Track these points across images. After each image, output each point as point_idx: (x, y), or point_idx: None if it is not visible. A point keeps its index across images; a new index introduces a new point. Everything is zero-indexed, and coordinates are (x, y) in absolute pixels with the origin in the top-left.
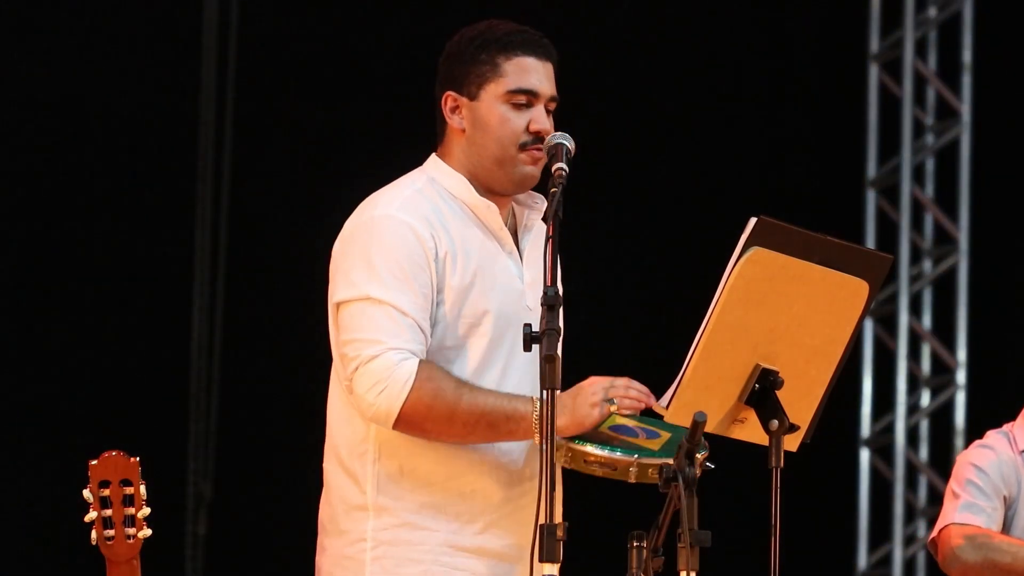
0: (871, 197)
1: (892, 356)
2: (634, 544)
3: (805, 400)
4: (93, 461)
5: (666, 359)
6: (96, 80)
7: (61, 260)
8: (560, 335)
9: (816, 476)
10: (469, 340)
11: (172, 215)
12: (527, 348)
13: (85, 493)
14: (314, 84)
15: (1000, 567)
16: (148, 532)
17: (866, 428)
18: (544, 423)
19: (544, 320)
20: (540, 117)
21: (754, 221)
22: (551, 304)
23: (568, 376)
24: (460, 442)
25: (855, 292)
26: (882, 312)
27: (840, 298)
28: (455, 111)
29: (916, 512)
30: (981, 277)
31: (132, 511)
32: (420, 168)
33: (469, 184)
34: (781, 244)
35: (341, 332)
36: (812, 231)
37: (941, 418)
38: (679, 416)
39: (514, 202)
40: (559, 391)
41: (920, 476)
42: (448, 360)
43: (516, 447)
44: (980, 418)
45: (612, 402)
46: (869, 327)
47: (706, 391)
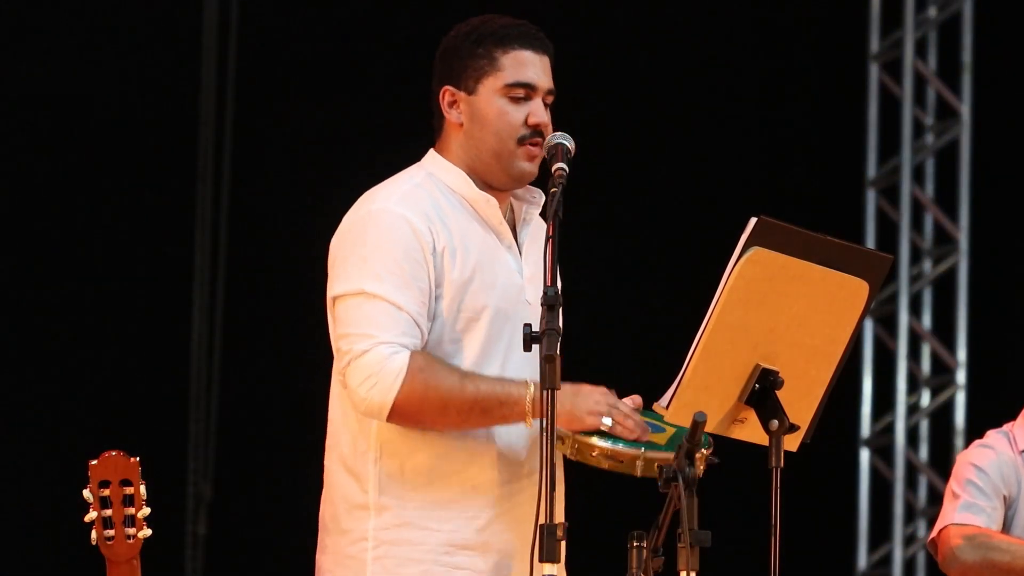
0: (871, 197)
1: (892, 356)
2: (634, 544)
3: (805, 400)
4: (93, 461)
5: (666, 359)
6: (96, 80)
7: (61, 260)
8: (560, 335)
9: (816, 476)
10: (468, 335)
11: (172, 215)
12: (527, 348)
13: (85, 493)
14: (314, 84)
15: (1000, 567)
16: (148, 532)
17: (866, 428)
18: (544, 423)
19: (544, 320)
20: (538, 110)
21: (754, 221)
22: (551, 304)
23: (568, 376)
24: (455, 430)
25: (855, 292)
26: (882, 312)
27: (840, 298)
28: (453, 106)
29: (916, 512)
30: (981, 277)
31: (132, 511)
32: (419, 163)
33: (468, 178)
34: (781, 244)
35: (336, 326)
36: (812, 231)
37: (941, 418)
38: (679, 416)
39: (512, 196)
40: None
41: (920, 476)
42: (447, 355)
43: (517, 442)
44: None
45: (607, 421)
46: (869, 327)
47: (706, 391)
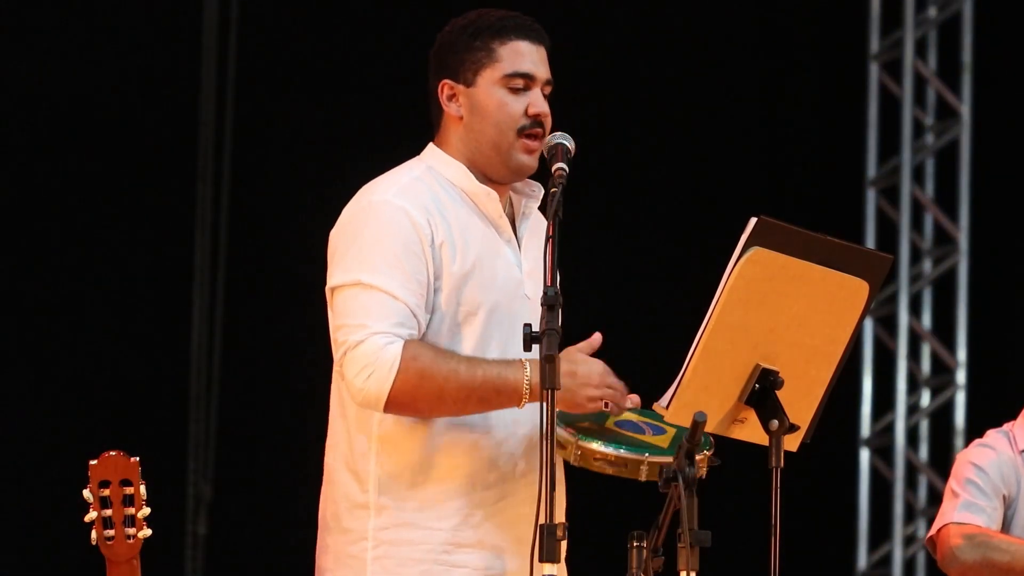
0: (871, 197)
1: (892, 356)
2: (634, 544)
3: (805, 400)
4: (93, 461)
5: (666, 359)
6: (96, 80)
7: (61, 260)
8: (560, 335)
9: (816, 476)
10: (466, 328)
11: (172, 215)
12: (527, 348)
13: (85, 493)
14: (314, 84)
15: (999, 567)
16: (148, 532)
17: (866, 428)
18: (544, 423)
19: (544, 320)
20: (538, 100)
21: (754, 221)
22: (551, 304)
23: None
24: (454, 416)
25: (855, 292)
26: (882, 312)
27: (840, 298)
28: (452, 99)
29: (916, 512)
30: (981, 277)
31: (132, 511)
32: (418, 157)
33: (468, 172)
34: (781, 244)
35: (333, 317)
36: (812, 231)
37: (941, 418)
38: (679, 416)
39: (511, 190)
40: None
41: (920, 476)
42: (447, 347)
43: (514, 441)
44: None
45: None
46: (869, 327)
47: (706, 391)
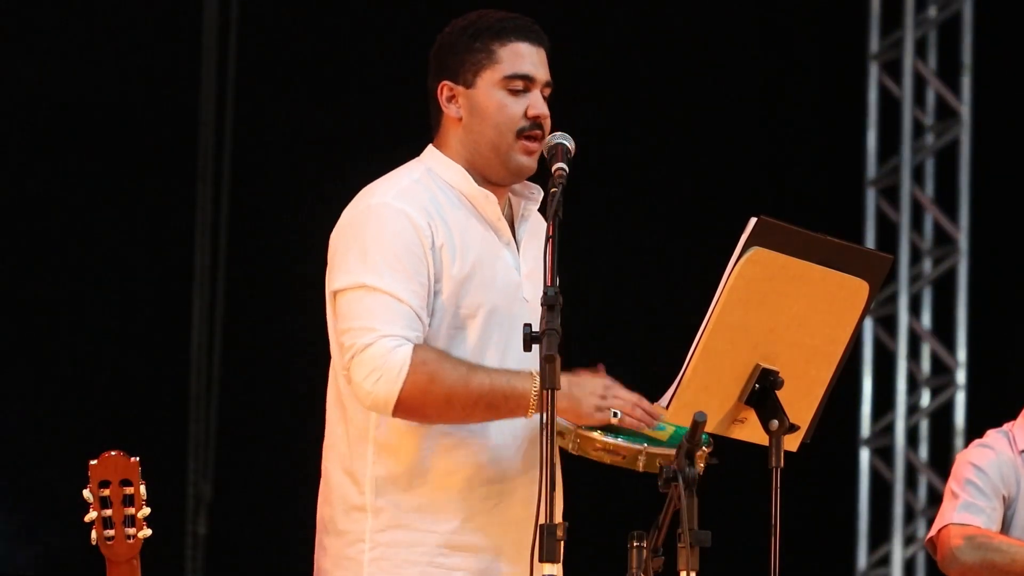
0: (871, 197)
1: (892, 356)
2: (634, 544)
3: (805, 400)
4: (93, 461)
5: (666, 359)
6: (96, 80)
7: (61, 260)
8: (560, 335)
9: (816, 476)
10: (465, 331)
11: (172, 215)
12: (527, 348)
13: (85, 493)
14: (314, 84)
15: (999, 567)
16: (148, 532)
17: (866, 428)
18: (544, 422)
19: (544, 320)
20: (537, 102)
21: (754, 221)
22: (551, 304)
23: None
24: (462, 423)
25: (855, 292)
26: (882, 312)
27: (840, 298)
28: (451, 100)
29: (916, 512)
30: (981, 277)
31: (132, 511)
32: (417, 159)
33: (467, 174)
34: (781, 244)
35: (338, 321)
36: (812, 231)
37: (941, 418)
38: (679, 416)
39: (510, 193)
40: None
41: (920, 476)
42: (445, 350)
43: (511, 443)
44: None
45: (616, 414)
46: (869, 327)
47: (706, 391)
